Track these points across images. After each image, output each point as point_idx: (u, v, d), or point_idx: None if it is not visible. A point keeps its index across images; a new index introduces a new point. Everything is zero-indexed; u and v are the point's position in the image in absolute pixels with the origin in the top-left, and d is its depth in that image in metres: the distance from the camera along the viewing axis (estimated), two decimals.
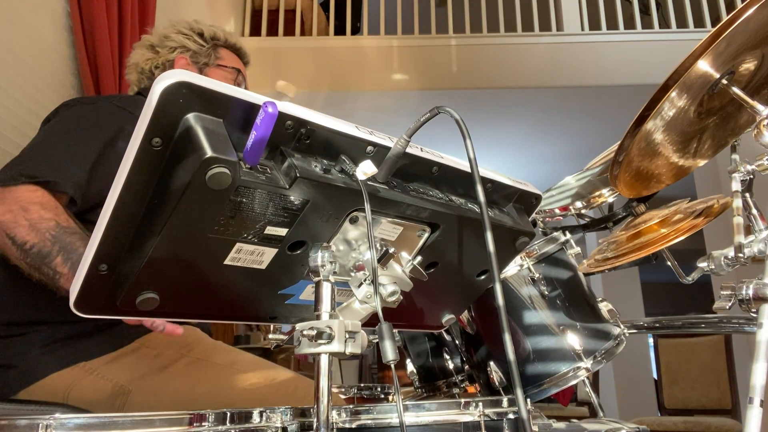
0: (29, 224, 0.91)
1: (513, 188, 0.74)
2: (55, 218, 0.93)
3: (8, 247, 0.92)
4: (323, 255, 0.59)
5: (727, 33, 0.84)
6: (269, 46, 4.47)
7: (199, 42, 1.36)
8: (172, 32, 1.37)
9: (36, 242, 0.90)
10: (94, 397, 1.00)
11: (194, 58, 1.35)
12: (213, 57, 1.37)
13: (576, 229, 1.49)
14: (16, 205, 0.93)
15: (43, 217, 0.92)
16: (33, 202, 0.94)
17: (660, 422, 3.44)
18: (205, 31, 1.38)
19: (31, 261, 0.90)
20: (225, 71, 1.37)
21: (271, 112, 0.49)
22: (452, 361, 1.39)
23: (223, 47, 1.40)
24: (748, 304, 0.87)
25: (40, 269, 0.89)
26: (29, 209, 0.93)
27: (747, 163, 0.96)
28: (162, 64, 1.35)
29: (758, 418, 0.79)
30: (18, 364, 1.01)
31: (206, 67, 1.36)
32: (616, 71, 4.32)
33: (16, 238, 0.91)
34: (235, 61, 1.41)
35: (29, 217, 0.92)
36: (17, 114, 1.69)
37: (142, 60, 1.36)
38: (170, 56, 1.35)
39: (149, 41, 1.37)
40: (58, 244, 0.89)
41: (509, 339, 0.52)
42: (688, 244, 1.47)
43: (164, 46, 1.35)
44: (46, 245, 0.89)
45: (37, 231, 0.91)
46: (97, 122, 1.11)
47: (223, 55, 1.39)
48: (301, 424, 0.69)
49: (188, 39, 1.36)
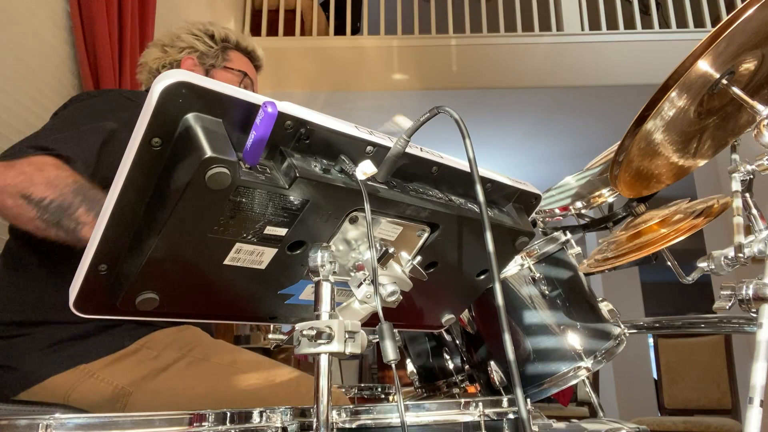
0: (46, 181, 0.88)
1: (513, 188, 0.74)
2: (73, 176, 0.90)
3: (22, 207, 0.87)
4: (323, 255, 0.59)
5: (727, 33, 0.84)
6: (269, 46, 4.46)
7: (209, 43, 1.36)
8: (183, 32, 1.37)
9: (55, 197, 0.86)
10: (95, 400, 1.00)
11: (201, 59, 1.35)
12: (221, 59, 1.37)
13: (576, 229, 1.49)
14: (30, 167, 0.90)
15: (59, 175, 0.89)
16: (47, 164, 0.91)
17: (660, 422, 3.44)
18: (216, 33, 1.38)
19: (49, 216, 0.86)
20: (231, 73, 1.37)
21: (271, 112, 0.49)
22: (452, 361, 1.39)
23: (234, 50, 1.39)
24: (748, 304, 0.87)
25: (60, 223, 0.85)
26: (44, 169, 0.90)
27: (747, 163, 0.96)
28: (169, 63, 1.35)
29: (758, 418, 0.79)
30: (18, 366, 1.01)
31: (213, 68, 1.36)
32: (616, 71, 4.32)
33: (32, 195, 0.87)
34: (244, 64, 1.40)
35: (45, 175, 0.89)
36: (17, 114, 1.69)
37: (151, 59, 1.36)
38: (178, 56, 1.35)
39: (161, 41, 1.38)
40: (80, 195, 0.86)
41: (509, 339, 0.52)
42: (688, 244, 1.47)
43: (174, 46, 1.36)
44: (67, 197, 0.86)
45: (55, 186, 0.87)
46: (105, 110, 1.11)
47: (233, 57, 1.39)
48: (301, 424, 0.69)
49: (198, 40, 1.36)
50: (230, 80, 1.36)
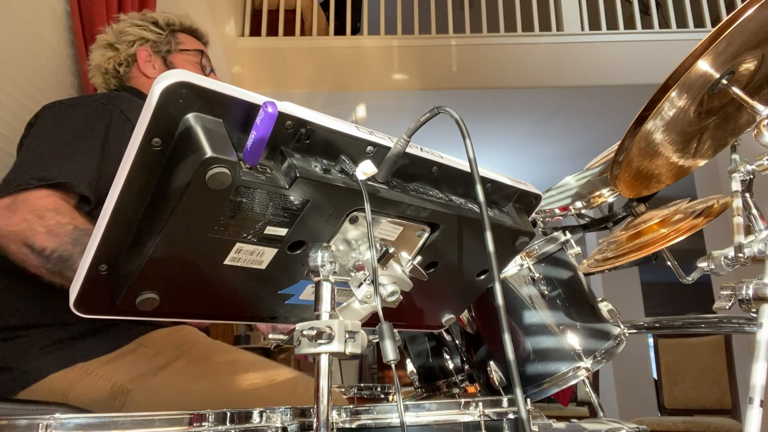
0: (47, 230, 0.89)
1: (513, 188, 0.74)
2: (72, 222, 0.91)
3: (27, 256, 0.90)
4: (323, 255, 0.59)
5: (727, 33, 0.84)
6: (269, 46, 4.47)
7: (156, 31, 1.34)
8: (127, 26, 1.34)
9: (56, 247, 0.88)
10: (94, 398, 1.00)
11: (155, 48, 1.33)
12: (173, 43, 1.35)
13: (576, 229, 1.49)
14: (31, 214, 0.91)
15: (60, 222, 0.91)
16: (47, 209, 0.93)
17: (660, 422, 3.44)
18: (159, 18, 1.35)
19: (52, 267, 0.88)
20: (189, 55, 1.35)
21: (271, 112, 0.49)
22: (452, 361, 1.39)
23: (180, 32, 1.37)
24: (748, 304, 0.87)
25: (63, 274, 0.88)
26: (45, 216, 0.91)
27: (747, 163, 0.96)
28: (125, 59, 1.33)
29: (758, 418, 0.79)
30: (17, 366, 1.01)
31: (169, 54, 1.34)
32: (616, 71, 4.32)
33: (35, 245, 0.89)
34: (194, 43, 1.39)
35: (46, 223, 0.90)
36: (17, 114, 1.69)
37: (103, 60, 1.33)
38: (131, 50, 1.32)
39: (106, 40, 1.35)
40: (80, 247, 0.88)
41: (509, 339, 0.52)
42: (688, 244, 1.47)
43: (122, 41, 1.33)
44: (67, 249, 0.88)
45: (56, 236, 0.89)
46: (87, 122, 1.10)
47: (182, 39, 1.37)
48: (301, 424, 0.69)
49: (144, 30, 1.33)
50: (190, 62, 1.35)
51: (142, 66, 1.32)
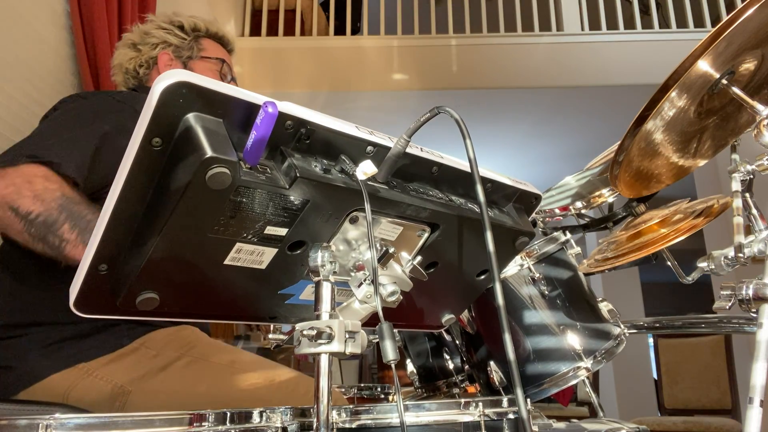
0: (33, 195, 0.88)
1: (513, 188, 0.74)
2: (61, 189, 0.90)
3: (10, 219, 0.88)
4: (323, 255, 0.59)
5: (727, 33, 0.84)
6: (269, 46, 4.47)
7: (180, 35, 1.33)
8: (152, 28, 1.34)
9: (41, 211, 0.87)
10: (94, 399, 1.00)
11: (177, 53, 1.33)
12: (196, 49, 1.34)
13: (576, 229, 1.49)
14: (20, 179, 0.90)
15: (48, 188, 0.90)
16: (37, 175, 0.91)
17: (660, 422, 3.44)
18: (185, 23, 1.35)
19: (35, 231, 0.87)
20: (209, 63, 1.35)
21: (271, 112, 0.49)
22: (452, 361, 1.39)
23: (205, 37, 1.37)
24: (748, 304, 0.87)
25: (45, 238, 0.86)
26: (33, 181, 0.90)
27: (747, 163, 0.96)
28: (146, 62, 1.33)
29: (758, 418, 0.79)
30: (17, 366, 1.01)
31: (190, 60, 1.33)
32: (616, 71, 4.32)
33: (19, 208, 0.88)
34: (218, 50, 1.38)
35: (33, 188, 0.89)
36: (17, 114, 1.69)
37: (125, 60, 1.33)
38: (153, 53, 1.32)
39: (131, 39, 1.35)
40: (65, 212, 0.86)
41: (509, 339, 0.52)
42: (688, 244, 1.47)
43: (146, 43, 1.33)
44: (52, 213, 0.86)
45: (42, 200, 0.88)
46: (95, 112, 1.10)
47: (206, 45, 1.36)
48: (301, 424, 0.69)
49: (169, 33, 1.33)
50: (210, 69, 1.34)
51: (161, 69, 1.32)
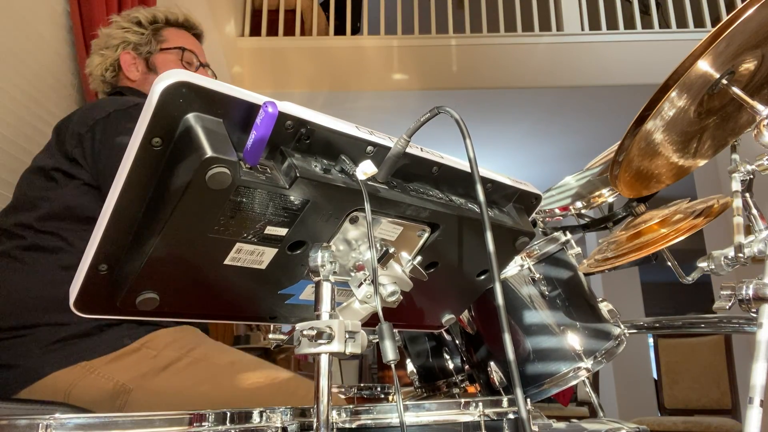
0: None
1: (513, 188, 0.74)
2: None
3: None
4: (323, 255, 0.59)
5: (727, 33, 0.84)
6: (269, 46, 4.47)
7: (138, 31, 1.30)
8: (114, 29, 1.31)
9: None
10: (95, 397, 1.00)
11: (137, 50, 1.30)
12: (155, 42, 1.30)
13: (576, 229, 1.49)
14: None
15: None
16: None
17: (660, 422, 3.44)
18: (142, 17, 1.31)
19: None
20: (169, 53, 1.31)
21: (271, 112, 0.49)
22: (452, 361, 1.39)
23: (166, 27, 1.33)
24: (748, 304, 0.87)
25: None
26: None
27: (747, 163, 0.96)
28: (111, 65, 1.30)
29: (758, 418, 0.79)
30: (19, 364, 1.01)
31: (150, 55, 1.30)
32: (616, 71, 4.32)
33: None
34: (181, 38, 1.34)
35: None
36: (17, 114, 1.69)
37: (94, 66, 1.31)
38: (115, 55, 1.29)
39: (97, 45, 1.32)
40: None
41: (509, 339, 0.52)
42: (688, 244, 1.47)
43: (109, 46, 1.30)
44: None
45: None
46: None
47: (168, 35, 1.32)
48: (301, 424, 0.69)
49: (127, 32, 1.30)
50: (171, 61, 1.31)
51: (126, 70, 1.30)
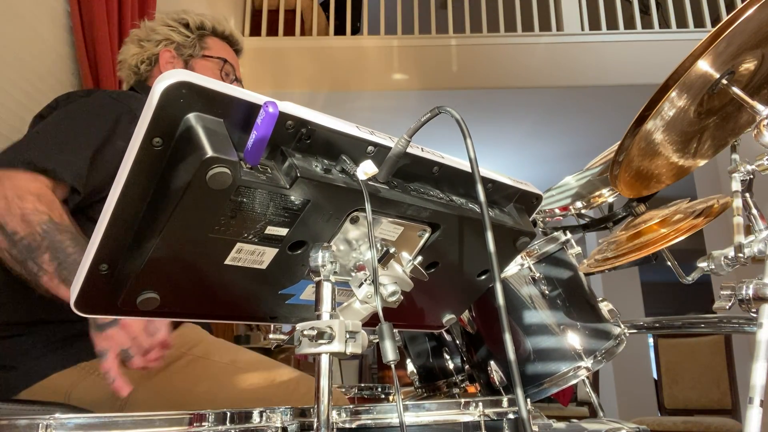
0: (22, 214, 0.88)
1: (513, 188, 0.74)
2: (49, 213, 0.90)
3: None
4: (324, 255, 0.59)
5: (727, 33, 0.84)
6: (269, 46, 4.47)
7: (184, 33, 1.33)
8: (158, 25, 1.34)
9: (25, 234, 0.87)
10: (96, 397, 1.00)
11: (179, 51, 1.32)
12: (198, 48, 1.34)
13: (576, 229, 1.50)
14: (12, 192, 0.90)
15: (37, 209, 0.90)
16: (30, 191, 0.92)
17: (660, 422, 3.44)
18: (191, 21, 1.34)
19: (17, 253, 0.87)
20: (210, 62, 1.34)
21: (272, 112, 0.49)
22: (452, 361, 1.39)
23: (211, 36, 1.36)
24: (748, 304, 0.87)
25: (25, 263, 0.87)
26: (24, 198, 0.90)
27: (747, 163, 0.96)
28: (148, 58, 1.32)
29: (758, 418, 0.79)
30: (19, 365, 1.01)
31: (191, 58, 1.33)
32: (616, 71, 4.32)
33: (6, 226, 0.88)
34: (223, 49, 1.37)
35: (23, 206, 0.89)
36: (17, 114, 1.69)
37: (129, 55, 1.33)
38: (155, 50, 1.32)
39: (136, 35, 1.34)
40: (47, 240, 0.87)
41: (509, 339, 0.52)
42: (688, 244, 1.47)
43: (150, 39, 1.32)
44: (36, 238, 0.87)
45: (28, 223, 0.88)
46: (94, 113, 1.10)
47: (210, 44, 1.35)
48: (301, 424, 0.69)
49: (173, 31, 1.32)
50: (210, 69, 1.33)
51: (162, 67, 1.32)
